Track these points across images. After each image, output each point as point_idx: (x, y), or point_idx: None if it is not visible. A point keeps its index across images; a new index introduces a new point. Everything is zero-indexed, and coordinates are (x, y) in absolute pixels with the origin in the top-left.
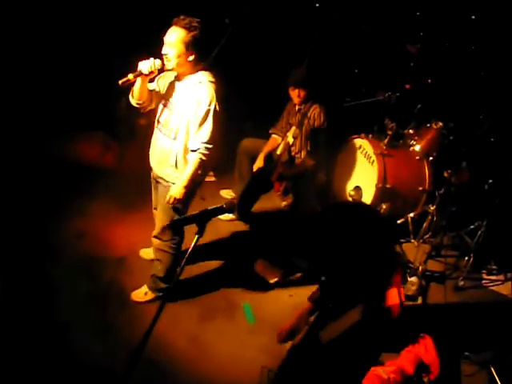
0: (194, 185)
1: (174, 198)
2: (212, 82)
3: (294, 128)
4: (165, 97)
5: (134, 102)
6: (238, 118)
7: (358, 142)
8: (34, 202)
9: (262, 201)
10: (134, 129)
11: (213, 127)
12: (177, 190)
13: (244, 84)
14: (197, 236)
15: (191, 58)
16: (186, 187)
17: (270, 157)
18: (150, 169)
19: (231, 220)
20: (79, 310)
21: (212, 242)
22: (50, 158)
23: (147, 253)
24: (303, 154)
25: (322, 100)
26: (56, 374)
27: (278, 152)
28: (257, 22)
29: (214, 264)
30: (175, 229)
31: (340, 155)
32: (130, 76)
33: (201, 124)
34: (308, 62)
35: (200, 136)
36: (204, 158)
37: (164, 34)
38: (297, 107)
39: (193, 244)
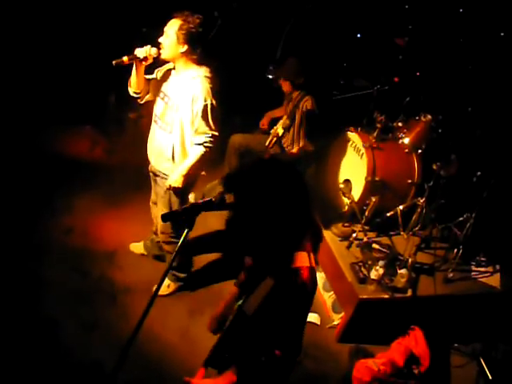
0: (193, 176)
1: (173, 187)
2: (207, 76)
3: (284, 118)
4: (162, 89)
5: (131, 91)
6: (227, 112)
7: (348, 135)
8: (22, 196)
9: None
10: (124, 123)
11: (213, 119)
12: (175, 179)
13: (233, 78)
14: (186, 230)
15: (183, 49)
16: (184, 176)
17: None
18: (147, 162)
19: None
20: (69, 306)
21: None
22: (39, 152)
23: (137, 247)
24: (295, 146)
25: (313, 91)
26: (45, 369)
27: (267, 143)
28: (246, 14)
29: (203, 258)
30: (172, 220)
31: (329, 149)
32: (125, 58)
33: (202, 119)
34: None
35: (204, 130)
36: (208, 149)
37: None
38: (290, 96)
39: (182, 238)
